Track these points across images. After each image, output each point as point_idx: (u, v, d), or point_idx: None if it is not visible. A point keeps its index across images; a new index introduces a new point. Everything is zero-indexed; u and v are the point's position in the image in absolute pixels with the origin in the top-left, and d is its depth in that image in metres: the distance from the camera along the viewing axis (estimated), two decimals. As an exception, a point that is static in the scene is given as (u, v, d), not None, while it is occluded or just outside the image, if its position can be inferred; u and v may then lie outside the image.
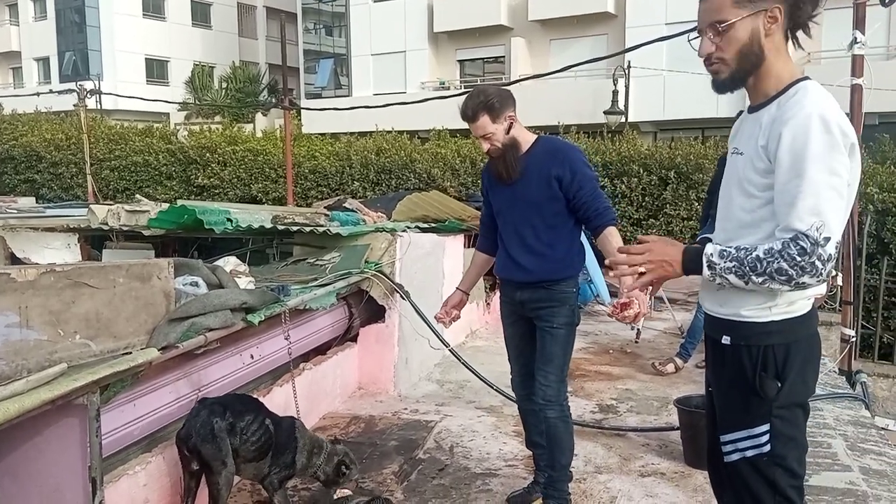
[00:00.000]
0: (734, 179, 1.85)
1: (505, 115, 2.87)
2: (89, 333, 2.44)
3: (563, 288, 2.93)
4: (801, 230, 1.61)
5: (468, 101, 2.88)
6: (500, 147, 2.88)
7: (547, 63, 22.20)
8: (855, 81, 4.09)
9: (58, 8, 34.60)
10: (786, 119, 1.67)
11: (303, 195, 12.12)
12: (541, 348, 2.96)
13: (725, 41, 1.73)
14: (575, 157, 2.91)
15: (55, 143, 15.17)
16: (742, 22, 1.71)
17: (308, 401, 4.02)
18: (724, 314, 1.86)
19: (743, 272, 1.67)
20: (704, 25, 1.77)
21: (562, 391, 2.98)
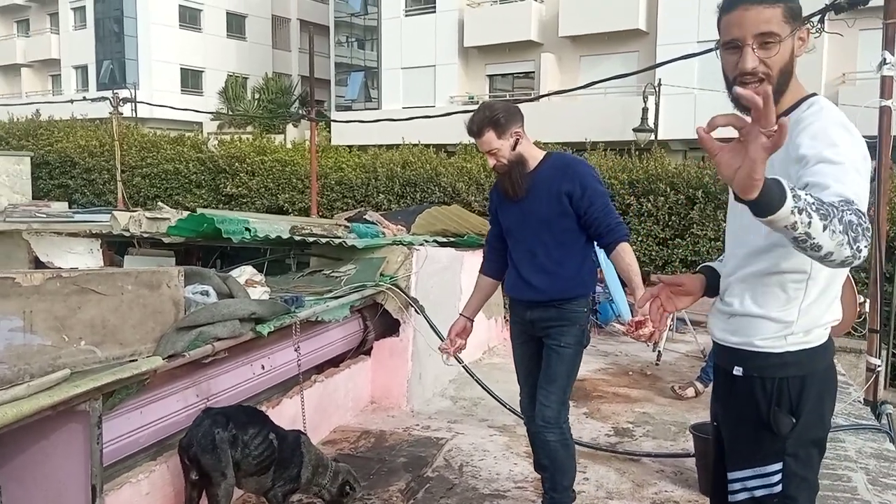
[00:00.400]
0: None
1: (511, 130, 2.82)
2: (95, 340, 2.45)
3: (573, 307, 2.87)
4: (849, 198, 1.42)
5: (474, 117, 2.84)
6: (506, 163, 2.84)
7: (576, 79, 22.11)
8: (884, 103, 4.00)
9: (97, 17, 35.42)
10: (801, 128, 1.59)
11: (328, 206, 12.18)
12: (545, 367, 2.91)
13: (773, 57, 1.62)
14: (585, 172, 2.86)
15: (89, 150, 15.45)
16: (788, 40, 1.63)
17: (319, 413, 3.99)
18: (736, 344, 1.76)
19: (826, 212, 1.34)
20: (749, 36, 1.62)
21: (562, 413, 2.91)
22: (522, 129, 2.86)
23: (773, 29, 1.61)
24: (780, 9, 1.61)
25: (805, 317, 1.68)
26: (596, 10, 21.99)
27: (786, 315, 1.69)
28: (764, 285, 1.70)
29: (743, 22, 1.62)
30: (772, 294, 1.69)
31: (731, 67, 1.67)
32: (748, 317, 1.72)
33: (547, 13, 23.81)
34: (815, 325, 1.69)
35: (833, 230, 1.33)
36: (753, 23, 1.61)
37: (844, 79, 18.27)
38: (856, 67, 17.64)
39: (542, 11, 23.95)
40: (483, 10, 25.16)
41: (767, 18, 1.60)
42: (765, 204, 1.31)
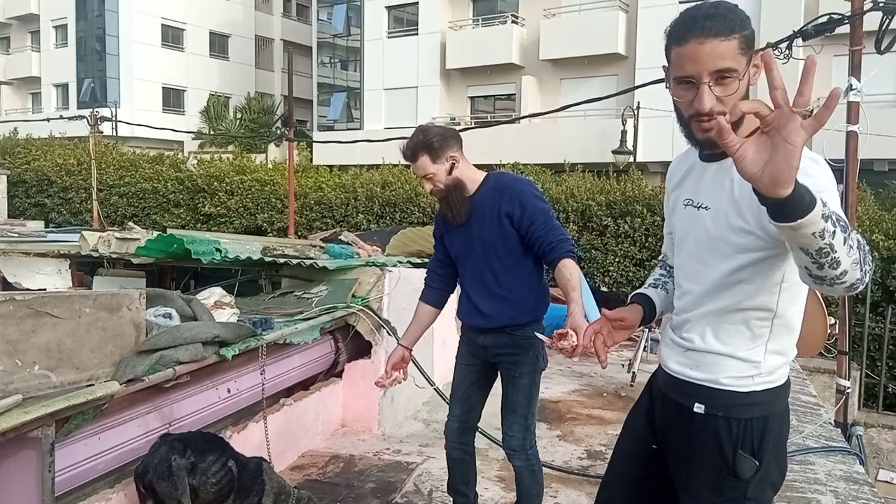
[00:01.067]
0: (703, 237, 1.63)
1: (446, 155, 2.75)
2: (49, 364, 2.39)
3: (526, 333, 2.80)
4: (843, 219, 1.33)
5: (408, 142, 2.79)
6: (442, 188, 2.78)
7: (557, 101, 22.30)
8: (851, 128, 4.05)
9: (79, 36, 35.31)
10: None
11: (307, 226, 12.13)
12: (504, 396, 2.88)
13: (730, 94, 1.49)
14: (524, 190, 2.79)
15: (66, 168, 15.33)
16: (745, 73, 1.50)
17: (287, 437, 3.94)
18: (698, 379, 1.66)
19: (844, 224, 1.24)
20: (705, 73, 1.48)
21: (528, 439, 2.87)
22: (459, 153, 2.80)
23: (731, 65, 1.47)
24: (735, 41, 1.48)
25: (772, 356, 1.62)
26: (576, 34, 22.24)
27: (753, 354, 1.61)
28: (727, 323, 1.62)
29: (698, 57, 1.48)
30: (736, 332, 1.62)
31: (685, 105, 1.55)
32: (712, 353, 1.65)
33: (528, 37, 24.05)
34: (781, 363, 1.64)
35: (850, 245, 1.24)
36: (709, 58, 1.47)
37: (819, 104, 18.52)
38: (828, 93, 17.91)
39: (524, 35, 24.18)
40: (465, 33, 25.37)
41: (723, 53, 1.47)
42: (796, 204, 1.17)
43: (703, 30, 1.47)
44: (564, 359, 6.88)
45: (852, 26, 4.06)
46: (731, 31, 1.47)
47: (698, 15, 1.50)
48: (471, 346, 2.98)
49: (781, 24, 16.51)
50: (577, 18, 22.76)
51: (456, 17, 25.71)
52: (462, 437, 3.04)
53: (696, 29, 1.49)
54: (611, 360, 6.99)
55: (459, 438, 3.05)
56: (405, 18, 26.92)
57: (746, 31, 1.50)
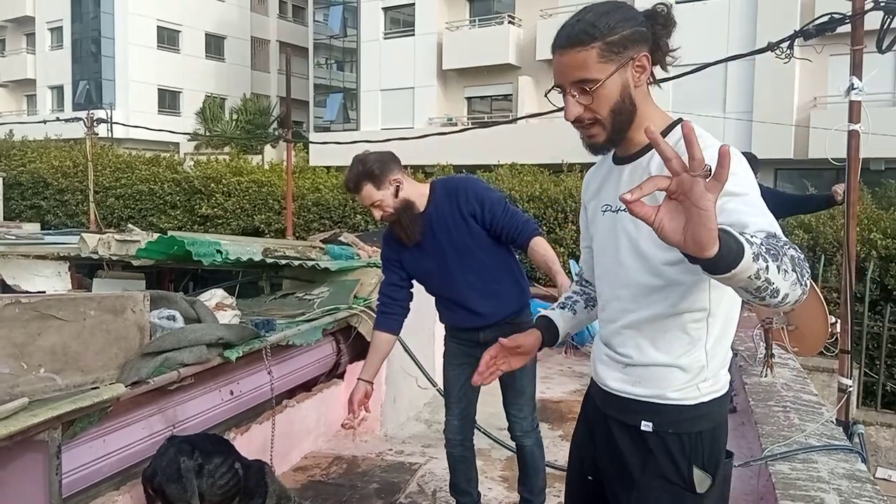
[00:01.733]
0: (623, 241, 1.55)
1: (389, 179, 2.74)
2: (55, 367, 2.38)
3: (524, 318, 2.91)
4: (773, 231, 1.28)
5: (348, 174, 2.77)
6: (392, 212, 2.77)
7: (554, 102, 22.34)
8: (852, 127, 4.05)
9: (74, 38, 35.25)
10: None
11: (305, 227, 12.12)
12: (511, 383, 2.93)
13: (596, 101, 1.48)
14: (475, 187, 2.83)
15: (62, 170, 15.28)
16: (611, 79, 1.46)
17: (290, 439, 3.93)
18: (643, 396, 1.57)
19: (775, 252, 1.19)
20: (567, 83, 1.50)
21: (535, 419, 3.03)
22: (401, 174, 2.78)
23: (588, 75, 1.46)
24: (594, 50, 1.45)
25: (713, 360, 1.54)
26: (572, 33, 22.24)
27: (694, 361, 1.53)
28: (663, 330, 1.53)
29: (558, 68, 1.51)
30: (675, 338, 1.53)
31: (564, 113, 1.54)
32: (653, 366, 1.55)
33: (525, 37, 24.06)
34: (721, 367, 1.57)
35: (786, 270, 1.20)
36: (568, 69, 1.48)
37: (816, 103, 18.60)
38: (826, 92, 17.98)
39: (520, 35, 24.20)
40: (461, 34, 25.38)
41: (580, 64, 1.46)
42: (724, 258, 1.13)
43: (561, 40, 1.49)
44: (565, 359, 6.90)
45: (853, 26, 4.06)
46: (592, 39, 1.45)
47: (564, 26, 1.51)
48: (465, 346, 3.00)
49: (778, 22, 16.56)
50: (573, 19, 22.76)
51: (452, 18, 25.71)
52: (463, 433, 3.10)
53: (557, 41, 1.51)
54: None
55: (461, 434, 3.10)
56: (401, 19, 26.91)
57: (612, 36, 1.45)
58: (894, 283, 8.30)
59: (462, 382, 3.04)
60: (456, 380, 3.06)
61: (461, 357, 3.03)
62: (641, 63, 1.49)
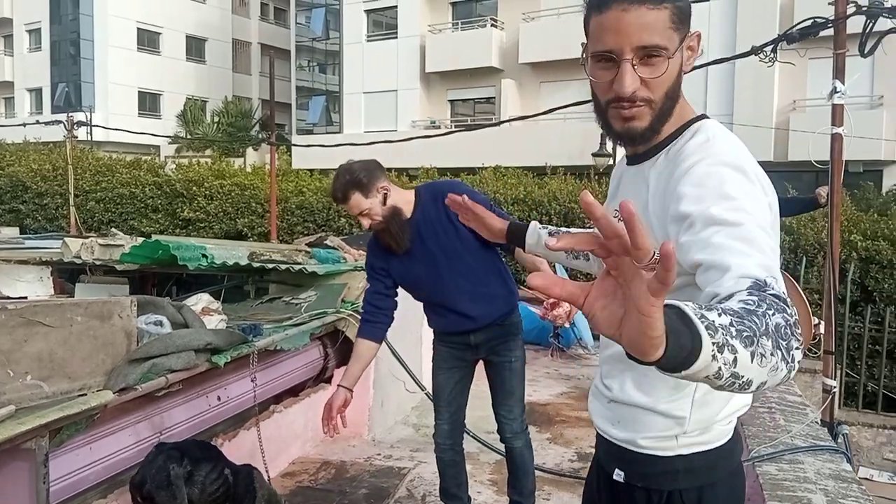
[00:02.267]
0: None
1: (376, 187, 2.74)
2: (42, 374, 2.35)
3: (513, 320, 2.95)
4: (761, 278, 1.01)
5: (335, 184, 2.76)
6: (381, 220, 2.77)
7: (537, 105, 22.40)
8: (835, 131, 4.11)
9: (53, 40, 34.88)
10: (683, 169, 1.20)
11: (289, 230, 12.06)
12: (500, 384, 2.95)
13: (658, 77, 1.22)
14: (460, 190, 2.74)
15: (41, 174, 15.11)
16: (677, 54, 1.23)
17: (277, 444, 3.90)
18: (618, 439, 1.37)
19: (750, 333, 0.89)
20: (627, 48, 1.20)
21: (524, 420, 3.03)
22: (387, 182, 2.79)
23: (659, 41, 1.20)
24: (667, 10, 1.20)
25: (700, 410, 1.30)
26: (555, 37, 22.35)
27: (675, 408, 1.30)
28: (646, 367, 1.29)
29: (620, 28, 1.19)
30: (659, 379, 1.26)
31: (602, 87, 1.26)
32: (630, 406, 1.35)
33: (507, 40, 24.13)
34: (714, 419, 1.32)
35: (762, 354, 0.90)
36: (634, 30, 1.19)
37: (795, 106, 18.83)
38: (806, 95, 18.21)
39: (503, 39, 24.27)
40: (444, 37, 25.41)
41: (651, 25, 1.19)
42: (673, 360, 0.85)
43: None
44: (551, 361, 6.91)
45: (836, 30, 4.12)
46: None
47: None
48: (455, 349, 3.00)
49: (757, 26, 16.74)
50: (555, 22, 22.86)
51: (435, 21, 25.74)
52: (453, 437, 3.10)
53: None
54: (597, 361, 7.01)
55: (450, 439, 3.10)
56: (384, 22, 26.90)
57: (679, 2, 1.23)
58: (874, 285, 8.42)
59: (451, 386, 3.04)
60: (445, 384, 3.06)
61: (451, 361, 3.02)
62: (692, 44, 1.27)
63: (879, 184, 16.92)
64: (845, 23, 4.14)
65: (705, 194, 1.14)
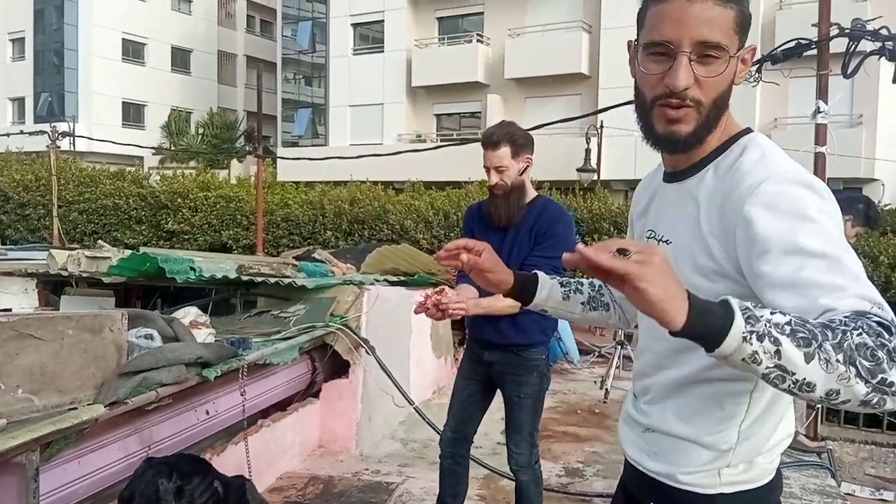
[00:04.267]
0: None
1: (525, 155, 2.80)
2: (33, 387, 2.33)
3: (532, 354, 2.86)
4: (867, 310, 0.96)
5: (494, 128, 2.80)
6: (508, 185, 2.78)
7: (522, 120, 22.53)
8: (819, 150, 4.18)
9: (37, 49, 34.69)
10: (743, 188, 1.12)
11: (274, 243, 12.02)
12: (510, 418, 2.92)
13: (709, 78, 1.15)
14: (561, 218, 2.82)
15: (24, 184, 14.96)
16: (734, 59, 1.17)
17: (265, 459, 3.88)
18: (654, 472, 1.31)
19: (810, 334, 0.91)
20: (687, 40, 1.14)
21: (533, 454, 2.95)
22: (532, 160, 2.84)
23: (721, 39, 1.14)
24: (733, 11, 1.14)
25: (747, 442, 1.24)
26: (540, 54, 22.55)
27: (720, 440, 1.23)
28: (693, 397, 1.25)
29: (683, 17, 1.13)
30: (705, 409, 1.24)
31: (651, 82, 1.19)
32: (670, 437, 1.28)
33: (493, 55, 24.30)
34: (760, 452, 1.25)
35: (827, 360, 0.89)
36: (697, 22, 1.13)
37: (776, 123, 19.07)
38: (787, 113, 18.45)
39: (489, 54, 24.43)
40: (430, 51, 25.53)
41: (715, 20, 1.13)
42: (700, 333, 0.92)
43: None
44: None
45: (819, 51, 4.20)
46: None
47: None
48: (474, 361, 3.00)
49: (739, 46, 16.93)
50: (540, 38, 23.08)
51: (421, 36, 25.87)
52: (455, 447, 3.06)
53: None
54: (584, 376, 7.05)
55: (452, 448, 3.06)
56: (371, 36, 27.00)
57: (745, 7, 1.17)
58: (855, 301, 8.52)
59: (465, 397, 3.03)
60: (459, 392, 3.05)
61: (469, 371, 3.02)
62: (747, 57, 1.20)
63: (859, 201, 17.13)
64: (828, 44, 4.23)
65: (780, 217, 1.06)
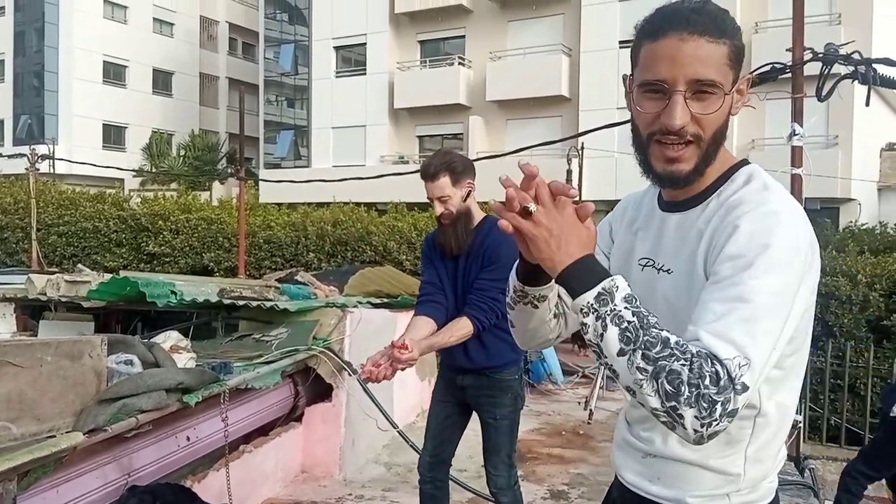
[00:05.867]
0: (664, 309, 1.23)
1: (465, 181, 2.81)
2: (10, 415, 2.30)
3: (505, 376, 2.87)
4: (721, 357, 1.03)
5: (431, 160, 2.82)
6: (453, 213, 2.80)
7: (503, 140, 22.75)
8: (795, 171, 4.25)
9: (16, 71, 34.51)
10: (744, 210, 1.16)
11: (256, 265, 11.95)
12: (486, 440, 2.92)
13: (706, 115, 1.17)
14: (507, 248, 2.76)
15: (2, 207, 14.81)
16: (729, 94, 1.18)
17: (247, 486, 3.83)
18: (658, 496, 1.31)
19: (634, 338, 1.03)
20: (681, 78, 1.15)
21: (512, 475, 2.94)
22: (474, 185, 2.86)
23: (715, 76, 1.15)
24: (726, 46, 1.16)
25: (754, 468, 1.25)
26: (521, 76, 22.76)
27: (729, 464, 1.24)
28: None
29: (676, 56, 1.14)
30: None
31: (647, 120, 1.21)
32: (676, 462, 1.28)
33: (475, 78, 24.48)
34: (765, 476, 1.27)
35: (632, 362, 1.03)
36: (690, 61, 1.14)
37: (754, 144, 19.34)
38: (764, 134, 18.72)
39: (470, 76, 24.62)
40: (412, 74, 25.69)
41: (708, 58, 1.14)
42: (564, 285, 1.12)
43: (687, 24, 1.15)
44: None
45: (794, 74, 4.28)
46: (724, 33, 1.16)
47: (682, 8, 1.17)
48: (449, 385, 3.00)
49: (717, 69, 17.18)
50: (521, 61, 23.31)
51: (403, 58, 26.03)
52: (433, 471, 3.04)
53: (678, 21, 1.15)
54: (567, 397, 7.05)
55: (430, 472, 3.05)
56: (353, 58, 27.13)
57: (737, 41, 1.18)
58: (834, 320, 8.60)
59: (440, 420, 3.02)
60: (435, 416, 3.05)
61: (444, 394, 3.02)
62: (743, 87, 1.22)
63: (836, 221, 17.38)
64: (802, 68, 4.31)
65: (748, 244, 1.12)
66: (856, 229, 14.14)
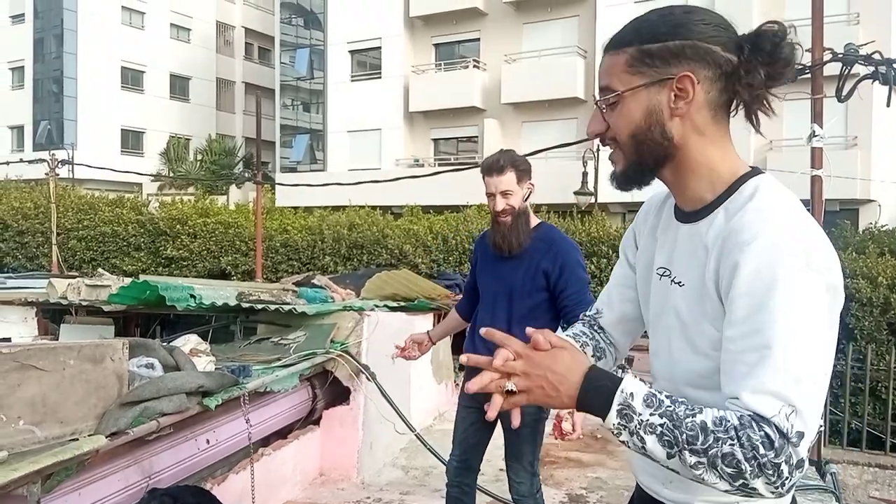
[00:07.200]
0: (674, 322, 1.27)
1: (527, 181, 2.84)
2: (34, 419, 2.32)
3: None
4: (766, 416, 1.03)
5: (498, 154, 2.84)
6: (515, 208, 2.80)
7: (519, 143, 22.70)
8: (815, 173, 4.21)
9: (36, 78, 34.91)
10: (742, 241, 1.11)
11: (273, 269, 12.03)
12: (508, 446, 2.91)
13: (615, 119, 1.23)
14: (569, 253, 2.83)
15: (23, 212, 15.00)
16: (634, 95, 1.20)
17: (266, 488, 3.85)
18: (671, 499, 1.32)
19: (674, 440, 1.04)
20: (597, 91, 1.29)
21: (535, 483, 2.93)
22: (533, 187, 2.88)
23: (608, 82, 1.23)
24: (624, 55, 1.21)
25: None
26: (536, 78, 22.74)
27: None
28: None
29: (598, 72, 1.29)
30: None
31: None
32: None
33: (490, 81, 24.50)
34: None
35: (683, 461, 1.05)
36: (600, 74, 1.27)
37: (772, 145, 19.20)
38: (782, 135, 18.57)
39: (485, 79, 24.63)
40: (427, 77, 25.74)
41: (607, 69, 1.24)
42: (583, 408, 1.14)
43: (607, 43, 1.27)
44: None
45: (813, 76, 4.25)
46: (627, 43, 1.21)
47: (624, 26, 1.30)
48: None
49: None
50: (537, 64, 23.29)
51: (419, 62, 26.09)
52: (460, 476, 3.04)
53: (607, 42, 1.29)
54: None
55: (458, 478, 3.05)
56: (368, 62, 27.23)
57: (650, 44, 1.19)
58: (855, 322, 8.52)
59: (466, 426, 3.02)
60: (461, 421, 3.05)
61: (468, 400, 3.01)
62: (683, 86, 1.17)
63: (856, 222, 17.22)
64: (822, 69, 4.28)
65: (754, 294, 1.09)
66: (876, 231, 14.01)
